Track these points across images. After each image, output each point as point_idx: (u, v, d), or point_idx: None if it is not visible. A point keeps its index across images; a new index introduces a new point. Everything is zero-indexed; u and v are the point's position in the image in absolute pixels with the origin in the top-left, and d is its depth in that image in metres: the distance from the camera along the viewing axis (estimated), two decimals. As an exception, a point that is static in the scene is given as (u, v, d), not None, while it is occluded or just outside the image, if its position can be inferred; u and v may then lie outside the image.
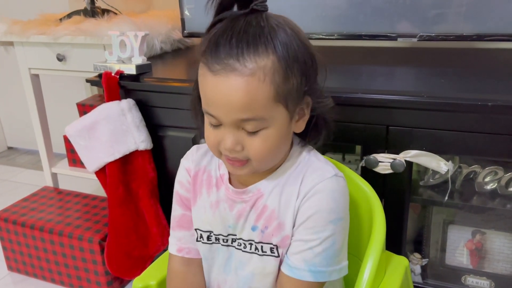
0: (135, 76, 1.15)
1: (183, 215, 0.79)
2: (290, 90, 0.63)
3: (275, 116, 0.63)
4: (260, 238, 0.71)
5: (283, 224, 0.69)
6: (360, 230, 0.81)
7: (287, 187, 0.69)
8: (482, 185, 1.02)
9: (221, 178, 0.75)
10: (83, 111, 1.54)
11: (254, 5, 0.61)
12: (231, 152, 0.64)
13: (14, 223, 1.40)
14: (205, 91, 0.63)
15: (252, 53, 0.59)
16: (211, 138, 0.66)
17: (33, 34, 1.41)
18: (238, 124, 0.62)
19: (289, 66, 0.62)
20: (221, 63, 0.60)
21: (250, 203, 0.71)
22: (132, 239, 1.24)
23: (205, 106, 0.64)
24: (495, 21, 1.03)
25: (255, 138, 0.63)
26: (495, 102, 0.82)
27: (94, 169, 1.20)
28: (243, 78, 0.59)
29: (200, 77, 0.64)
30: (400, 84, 1.04)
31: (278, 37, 0.61)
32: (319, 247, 0.66)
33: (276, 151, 0.66)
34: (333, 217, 0.66)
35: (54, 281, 1.43)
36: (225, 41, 0.60)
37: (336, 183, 0.68)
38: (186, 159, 0.80)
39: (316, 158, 0.72)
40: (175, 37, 1.46)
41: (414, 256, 1.10)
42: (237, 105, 0.60)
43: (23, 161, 2.43)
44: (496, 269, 1.07)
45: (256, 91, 0.60)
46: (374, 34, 1.13)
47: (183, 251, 0.80)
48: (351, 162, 1.18)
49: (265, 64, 0.59)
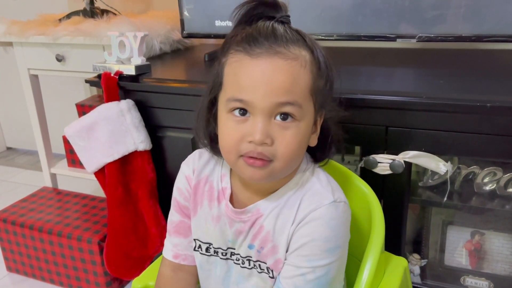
0: (134, 77, 1.15)
1: (181, 221, 0.78)
2: (320, 89, 0.65)
3: (307, 110, 0.63)
4: (258, 257, 0.70)
5: (277, 247, 0.67)
6: (359, 230, 0.81)
7: (284, 210, 0.67)
8: (481, 186, 1.02)
9: (222, 192, 0.72)
10: (82, 111, 1.54)
11: (280, 17, 0.64)
12: (259, 147, 0.60)
13: (13, 223, 1.40)
14: (240, 77, 0.61)
15: (295, 44, 0.62)
16: (233, 134, 0.62)
17: (32, 35, 1.41)
18: (273, 110, 0.60)
19: (322, 67, 0.65)
20: (263, 47, 0.60)
21: (249, 223, 0.69)
22: (131, 239, 1.24)
23: (235, 93, 0.61)
24: (494, 22, 1.03)
25: (287, 131, 0.61)
26: (494, 103, 0.82)
27: (93, 169, 1.20)
28: (287, 61, 0.60)
29: (233, 65, 0.63)
30: (399, 85, 1.04)
31: (313, 42, 0.65)
32: (312, 274, 0.64)
33: (300, 152, 0.65)
34: (329, 246, 0.64)
35: (53, 282, 1.43)
36: (268, 31, 0.62)
37: (334, 210, 0.65)
38: (187, 165, 0.77)
39: (317, 180, 0.69)
40: (174, 37, 1.46)
41: (413, 257, 1.11)
42: (280, 86, 0.59)
43: (22, 162, 2.43)
44: (495, 270, 1.07)
45: (298, 75, 0.61)
46: (373, 35, 1.13)
47: (179, 257, 0.79)
48: (350, 163, 1.18)
49: (306, 54, 0.63)
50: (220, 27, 1.27)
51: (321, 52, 0.66)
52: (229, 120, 0.63)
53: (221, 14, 1.26)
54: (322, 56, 0.65)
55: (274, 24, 0.63)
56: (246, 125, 0.61)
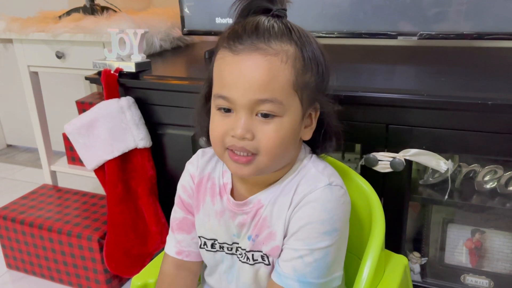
0: (135, 74, 1.14)
1: (184, 218, 0.79)
2: (307, 84, 0.64)
3: (290, 106, 0.62)
4: (251, 247, 0.70)
5: (274, 234, 0.68)
6: (359, 228, 0.81)
7: (281, 196, 0.68)
8: (481, 184, 1.02)
9: (224, 187, 0.74)
10: (82, 109, 1.54)
11: (276, 10, 0.64)
12: (240, 141, 0.62)
13: (13, 220, 1.40)
14: (222, 73, 0.63)
15: (278, 39, 0.61)
16: (218, 128, 0.64)
17: (32, 32, 1.40)
18: (253, 106, 0.61)
19: (308, 61, 0.64)
20: (245, 43, 0.61)
21: (251, 214, 0.70)
22: (131, 237, 1.24)
23: (219, 89, 0.63)
24: (495, 20, 1.03)
25: (268, 126, 0.62)
26: (495, 101, 0.82)
27: (93, 167, 1.20)
28: (266, 57, 0.60)
29: (218, 61, 0.64)
30: (400, 82, 1.04)
31: (301, 35, 0.64)
32: (310, 257, 0.65)
33: (285, 146, 0.64)
34: (326, 228, 0.64)
35: (53, 279, 1.43)
36: (251, 27, 0.62)
37: (330, 192, 0.65)
38: (191, 163, 0.78)
39: (313, 165, 0.69)
40: (174, 35, 1.46)
41: (414, 255, 1.10)
42: (257, 83, 0.60)
43: (22, 159, 2.43)
44: (496, 268, 1.07)
45: (277, 71, 0.60)
46: (374, 33, 1.13)
47: (183, 254, 0.79)
48: (351, 161, 1.18)
49: (288, 49, 0.62)
50: (220, 24, 1.27)
51: (311, 46, 0.65)
52: (216, 115, 0.65)
53: (222, 11, 1.26)
54: (312, 51, 0.65)
55: (260, 19, 0.63)
56: (230, 120, 0.63)
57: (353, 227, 0.73)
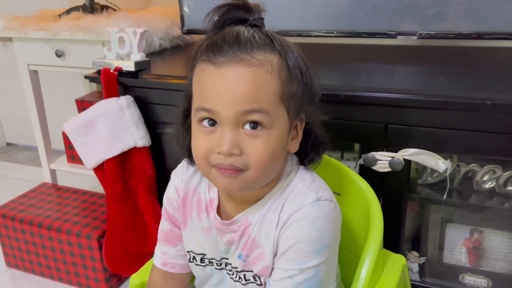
0: (134, 73, 1.15)
1: (170, 230, 0.78)
2: (293, 94, 0.62)
3: (278, 117, 0.60)
4: (242, 267, 0.69)
5: (264, 253, 0.66)
6: (357, 228, 0.81)
7: (268, 214, 0.65)
8: (480, 183, 1.02)
9: (210, 203, 0.71)
10: (81, 107, 1.54)
11: (253, 20, 0.61)
12: (228, 158, 0.58)
13: (13, 219, 1.40)
14: (204, 86, 0.59)
15: (261, 49, 0.59)
16: (202, 145, 0.61)
17: (31, 30, 1.40)
18: (239, 119, 0.58)
19: (293, 70, 0.62)
20: (227, 55, 0.58)
21: (239, 233, 0.68)
22: (130, 236, 1.24)
23: (202, 103, 0.60)
24: (494, 20, 1.03)
25: (256, 140, 0.59)
26: (494, 101, 0.82)
27: (92, 165, 1.20)
28: (250, 68, 0.57)
29: (198, 75, 0.61)
30: (399, 82, 1.04)
31: (283, 44, 0.62)
32: (300, 276, 0.62)
33: (275, 160, 0.61)
34: (316, 246, 0.62)
35: (53, 278, 1.43)
36: (231, 37, 0.59)
37: (318, 208, 0.62)
38: (176, 175, 0.75)
39: (300, 180, 0.66)
40: (174, 33, 1.46)
41: (412, 255, 1.11)
42: (243, 94, 0.57)
43: (21, 157, 2.43)
44: (494, 268, 1.07)
45: (263, 82, 0.58)
46: (373, 32, 1.13)
47: (167, 265, 0.78)
48: (350, 160, 1.18)
49: (273, 59, 0.60)
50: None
51: (293, 55, 0.62)
52: (199, 131, 0.62)
53: (221, 10, 1.26)
54: (295, 59, 0.62)
55: (240, 29, 0.60)
56: (214, 136, 0.60)
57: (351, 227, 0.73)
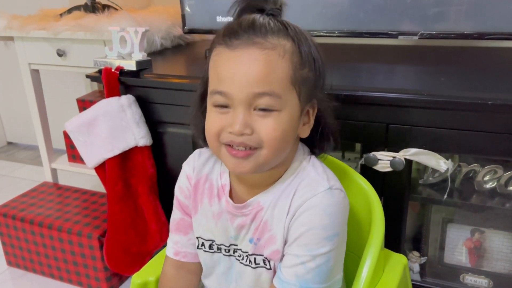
0: (135, 72, 1.15)
1: (181, 219, 0.79)
2: (304, 79, 0.63)
3: (289, 101, 0.62)
4: (253, 250, 0.70)
5: (275, 237, 0.67)
6: (359, 227, 0.81)
7: (281, 200, 0.67)
8: (481, 184, 1.02)
9: (222, 188, 0.73)
10: (83, 106, 1.54)
11: (270, 10, 0.64)
12: (239, 137, 0.61)
13: (13, 218, 1.40)
14: (219, 69, 0.62)
15: (275, 34, 0.61)
16: (214, 124, 0.63)
17: (33, 29, 1.40)
18: (251, 101, 0.60)
19: (306, 56, 0.64)
20: (241, 38, 0.61)
21: (250, 217, 0.69)
22: (131, 235, 1.24)
23: (216, 85, 0.62)
24: (496, 20, 1.02)
25: (267, 120, 0.61)
26: (495, 101, 0.82)
27: (93, 165, 1.20)
28: (263, 51, 0.60)
29: (214, 58, 0.64)
30: (400, 82, 1.04)
31: (297, 32, 0.64)
32: (312, 263, 0.64)
33: (286, 140, 0.63)
34: (328, 233, 0.63)
35: (53, 277, 1.43)
36: (247, 23, 0.62)
37: (331, 196, 0.64)
38: (187, 164, 0.78)
39: (313, 168, 0.68)
40: (175, 33, 1.46)
41: (413, 254, 1.11)
42: (255, 77, 0.59)
43: (22, 156, 2.43)
44: (495, 268, 1.07)
45: (275, 65, 0.60)
46: (375, 32, 1.13)
47: (179, 254, 0.80)
48: (351, 160, 1.18)
49: (286, 44, 0.62)
50: (221, 23, 1.27)
51: (307, 42, 0.65)
52: (213, 111, 0.64)
53: (222, 9, 1.26)
54: (308, 46, 0.64)
55: (256, 16, 0.62)
56: (227, 116, 0.62)
57: (352, 226, 0.73)
